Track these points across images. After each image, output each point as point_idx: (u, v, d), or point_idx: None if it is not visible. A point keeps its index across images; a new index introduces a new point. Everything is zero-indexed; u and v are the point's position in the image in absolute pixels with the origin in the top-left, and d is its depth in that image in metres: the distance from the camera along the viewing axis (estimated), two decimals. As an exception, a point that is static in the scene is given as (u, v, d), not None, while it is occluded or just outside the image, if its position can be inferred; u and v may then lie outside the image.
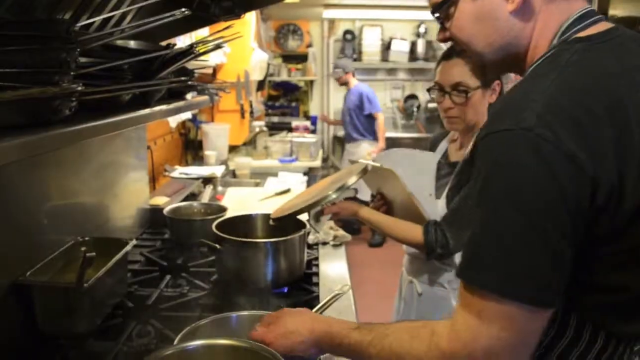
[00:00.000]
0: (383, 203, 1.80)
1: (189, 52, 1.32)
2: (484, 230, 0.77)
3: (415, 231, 1.60)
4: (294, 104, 7.07)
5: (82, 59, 1.06)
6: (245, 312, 1.27)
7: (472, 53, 1.00)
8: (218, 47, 1.48)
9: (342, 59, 6.47)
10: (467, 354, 0.78)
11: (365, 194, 1.96)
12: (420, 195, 1.67)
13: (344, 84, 5.58)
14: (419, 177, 1.68)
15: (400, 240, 1.67)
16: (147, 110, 1.40)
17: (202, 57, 2.03)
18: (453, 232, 1.53)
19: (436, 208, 1.66)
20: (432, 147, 1.86)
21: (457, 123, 1.65)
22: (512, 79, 4.81)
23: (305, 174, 4.11)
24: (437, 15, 1.02)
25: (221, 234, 1.63)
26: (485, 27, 0.93)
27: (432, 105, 6.74)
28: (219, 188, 3.31)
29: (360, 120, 5.42)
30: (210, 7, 1.78)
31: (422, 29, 6.77)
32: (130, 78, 1.24)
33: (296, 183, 3.45)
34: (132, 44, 1.42)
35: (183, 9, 0.94)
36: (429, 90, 1.69)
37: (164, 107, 1.53)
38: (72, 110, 0.93)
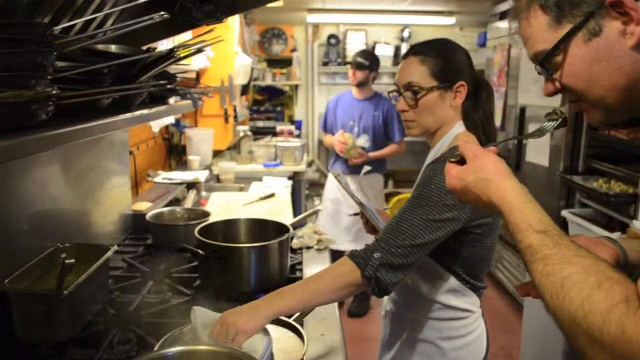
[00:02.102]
0: (366, 221, 1.70)
1: (170, 56, 1.31)
2: None
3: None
4: (279, 109, 7.06)
5: (61, 63, 1.05)
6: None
7: (592, 100, 0.87)
8: (199, 51, 1.47)
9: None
10: None
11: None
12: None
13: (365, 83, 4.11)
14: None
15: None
16: (127, 115, 1.39)
17: (184, 62, 2.02)
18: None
19: None
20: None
21: (413, 127, 1.55)
22: (494, 82, 4.79)
23: (290, 178, 4.10)
24: (543, 68, 0.90)
25: (204, 239, 1.62)
26: (606, 68, 0.83)
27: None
28: (203, 193, 3.28)
29: (380, 144, 4.08)
30: (192, 11, 1.77)
31: (405, 33, 6.81)
32: (110, 82, 1.24)
33: (281, 187, 3.44)
34: (113, 47, 1.41)
35: (162, 13, 0.93)
36: (389, 93, 1.61)
37: (145, 111, 1.52)
38: (49, 114, 0.92)
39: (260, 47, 6.80)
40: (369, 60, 3.97)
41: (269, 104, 7.12)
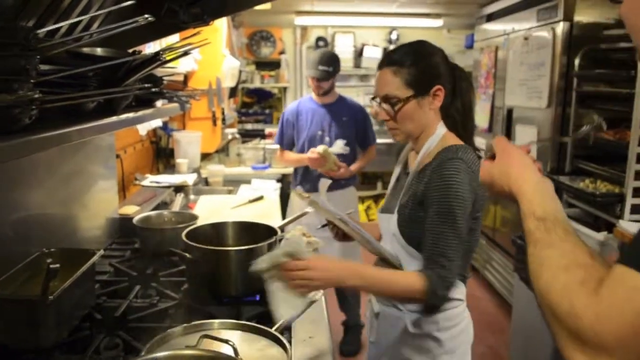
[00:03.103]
0: (337, 232, 1.74)
1: (155, 59, 1.30)
2: None
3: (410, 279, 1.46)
4: (267, 111, 7.05)
5: (46, 66, 1.04)
6: (216, 321, 1.25)
7: None
8: (185, 53, 1.47)
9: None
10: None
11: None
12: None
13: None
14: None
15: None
16: (113, 118, 1.38)
17: (171, 64, 2.02)
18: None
19: (387, 224, 1.59)
20: (398, 156, 1.80)
21: (397, 134, 1.60)
22: (482, 84, 4.82)
23: (278, 180, 4.09)
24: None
25: (191, 243, 1.61)
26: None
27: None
28: (191, 196, 3.28)
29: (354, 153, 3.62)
30: (179, 14, 1.76)
31: (393, 36, 6.83)
32: (95, 85, 1.23)
33: (269, 190, 3.44)
34: (98, 50, 1.40)
35: (146, 16, 0.93)
36: (371, 99, 1.62)
37: (131, 114, 1.51)
38: (32, 118, 0.91)
39: (248, 50, 6.79)
40: (332, 66, 3.39)
41: (257, 106, 7.11)
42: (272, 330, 1.20)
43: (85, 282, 1.49)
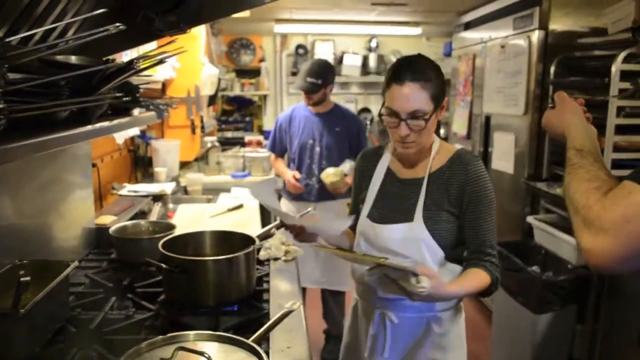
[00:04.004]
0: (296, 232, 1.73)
1: (129, 67, 1.29)
2: None
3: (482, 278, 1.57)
4: (247, 119, 7.04)
5: (16, 75, 1.02)
6: (191, 332, 1.23)
7: None
8: (161, 62, 1.45)
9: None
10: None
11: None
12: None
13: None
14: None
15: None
16: (87, 127, 1.36)
17: (149, 72, 1.99)
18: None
19: (407, 232, 1.60)
20: (366, 162, 1.79)
21: (412, 147, 1.60)
22: (460, 91, 4.87)
23: (258, 188, 4.07)
24: None
25: (167, 253, 1.59)
26: None
27: (384, 118, 6.82)
28: (170, 205, 3.24)
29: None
30: (155, 22, 1.74)
31: (373, 44, 6.88)
32: (67, 94, 1.21)
33: (249, 199, 3.41)
34: (72, 59, 1.38)
35: (117, 24, 0.92)
36: (380, 115, 1.60)
37: (105, 123, 1.49)
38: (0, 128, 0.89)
39: (228, 58, 6.78)
40: (321, 78, 3.26)
41: (238, 114, 7.09)
42: (249, 341, 1.19)
43: (59, 294, 1.46)
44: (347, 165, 3.31)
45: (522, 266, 2.93)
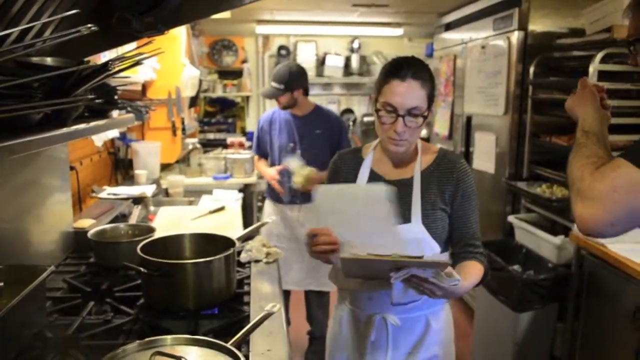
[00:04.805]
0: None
1: (105, 69, 1.27)
2: None
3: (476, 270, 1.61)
4: (230, 120, 7.00)
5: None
6: (169, 337, 1.22)
7: None
8: (137, 63, 1.44)
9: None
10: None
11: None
12: (380, 227, 1.54)
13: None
14: (368, 211, 1.54)
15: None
16: (62, 130, 1.34)
17: (128, 73, 1.97)
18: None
19: (407, 232, 1.59)
20: (344, 164, 1.78)
21: (404, 145, 1.61)
22: (441, 92, 4.89)
23: (240, 190, 4.06)
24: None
25: (146, 256, 1.57)
26: None
27: (367, 119, 6.84)
28: (151, 208, 3.21)
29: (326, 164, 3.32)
30: (132, 23, 1.72)
31: (355, 45, 6.88)
32: (41, 96, 1.19)
33: (231, 200, 3.40)
34: (48, 60, 1.36)
35: (89, 25, 0.90)
36: (377, 111, 1.59)
37: (81, 126, 1.47)
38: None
39: (209, 59, 6.75)
40: (283, 83, 3.24)
41: (220, 115, 7.06)
42: (228, 344, 1.17)
43: (35, 300, 1.44)
44: (292, 163, 3.26)
45: (503, 265, 2.95)
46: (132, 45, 2.60)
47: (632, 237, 1.84)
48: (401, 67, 1.56)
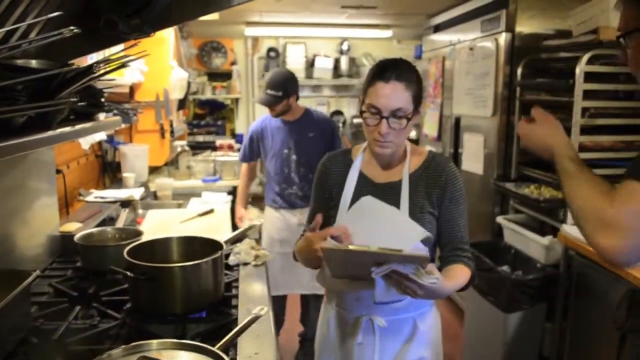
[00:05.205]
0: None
1: (90, 71, 1.26)
2: None
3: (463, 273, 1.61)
4: (220, 122, 6.99)
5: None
6: (154, 341, 1.21)
7: None
8: (123, 66, 1.43)
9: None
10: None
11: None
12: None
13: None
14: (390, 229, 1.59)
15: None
16: (47, 133, 1.33)
17: (114, 75, 1.96)
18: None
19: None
20: (333, 165, 1.76)
21: (390, 147, 1.60)
22: (430, 93, 4.89)
23: (229, 193, 4.04)
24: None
25: (132, 260, 1.56)
26: None
27: (357, 120, 6.86)
28: (140, 211, 3.19)
29: None
30: (118, 25, 1.71)
31: (345, 46, 6.90)
32: (24, 99, 1.17)
33: (220, 203, 3.38)
34: (33, 63, 1.34)
35: (72, 28, 0.89)
36: (362, 112, 1.60)
37: (66, 129, 1.46)
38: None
39: (198, 61, 6.73)
40: (282, 90, 3.17)
41: (210, 117, 7.04)
42: (215, 348, 1.17)
43: (20, 305, 1.42)
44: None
45: (492, 266, 2.96)
46: (120, 47, 2.60)
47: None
48: (386, 69, 1.56)
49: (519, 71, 3.38)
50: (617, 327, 2.18)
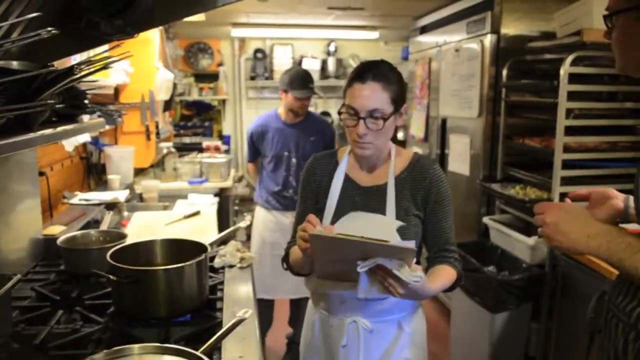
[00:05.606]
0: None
1: (71, 73, 1.24)
2: None
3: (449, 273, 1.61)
4: (207, 124, 6.95)
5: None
6: (136, 345, 1.19)
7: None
8: (105, 67, 1.41)
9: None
10: None
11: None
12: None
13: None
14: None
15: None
16: (28, 135, 1.31)
17: (98, 76, 1.94)
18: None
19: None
20: (320, 167, 1.75)
21: (369, 149, 1.60)
22: (417, 94, 4.92)
23: (216, 195, 4.02)
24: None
25: (115, 263, 1.54)
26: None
27: (344, 122, 6.85)
28: (125, 213, 3.17)
29: None
30: (100, 26, 1.69)
31: (332, 47, 6.89)
32: (3, 101, 1.16)
33: (206, 205, 3.37)
34: (14, 64, 1.32)
35: (50, 29, 0.88)
36: (340, 112, 1.61)
37: (48, 131, 1.44)
38: None
39: (185, 62, 6.69)
40: (312, 83, 3.30)
41: (197, 119, 7.00)
42: (198, 352, 1.16)
43: (0, 309, 1.40)
44: None
45: (478, 266, 2.97)
46: (105, 48, 2.57)
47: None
48: (364, 70, 1.57)
49: (504, 72, 3.40)
50: (584, 328, 2.20)
